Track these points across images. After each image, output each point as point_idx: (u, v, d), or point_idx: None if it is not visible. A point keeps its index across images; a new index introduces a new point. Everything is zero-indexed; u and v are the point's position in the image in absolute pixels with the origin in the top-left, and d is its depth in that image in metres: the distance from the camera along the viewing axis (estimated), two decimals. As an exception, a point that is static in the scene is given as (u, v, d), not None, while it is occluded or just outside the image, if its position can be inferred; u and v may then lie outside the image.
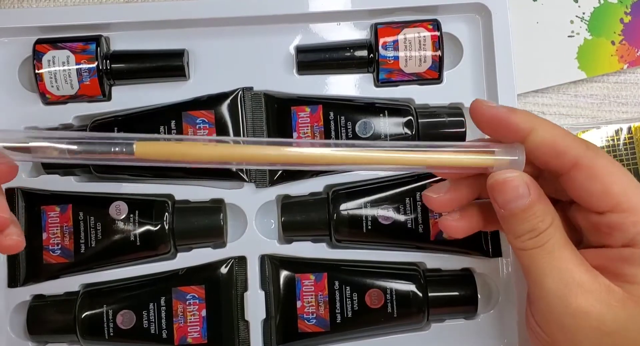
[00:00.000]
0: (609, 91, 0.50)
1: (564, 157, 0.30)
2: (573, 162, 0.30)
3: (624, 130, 0.49)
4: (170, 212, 0.44)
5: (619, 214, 0.29)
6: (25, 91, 0.46)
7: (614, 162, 0.31)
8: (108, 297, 0.44)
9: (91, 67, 0.44)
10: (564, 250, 0.30)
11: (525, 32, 0.49)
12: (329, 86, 0.46)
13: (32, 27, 0.45)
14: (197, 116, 0.45)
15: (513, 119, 0.31)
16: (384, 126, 0.45)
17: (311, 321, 0.44)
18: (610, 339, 0.29)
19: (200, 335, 0.44)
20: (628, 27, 0.50)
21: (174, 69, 0.46)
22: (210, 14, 0.45)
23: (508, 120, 0.31)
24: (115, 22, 0.45)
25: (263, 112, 0.45)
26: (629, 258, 0.29)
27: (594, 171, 0.30)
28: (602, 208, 0.30)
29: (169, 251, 0.44)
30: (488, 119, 0.31)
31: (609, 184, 0.30)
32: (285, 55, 0.47)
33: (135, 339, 0.44)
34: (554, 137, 0.30)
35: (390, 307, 0.44)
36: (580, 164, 0.30)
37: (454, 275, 0.45)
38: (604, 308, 0.29)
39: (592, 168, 0.30)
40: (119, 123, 0.45)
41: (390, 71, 0.45)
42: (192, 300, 0.44)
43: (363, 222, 0.44)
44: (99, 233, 0.44)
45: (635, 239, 0.29)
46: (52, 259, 0.44)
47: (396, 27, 0.45)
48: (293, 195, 0.46)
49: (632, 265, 0.29)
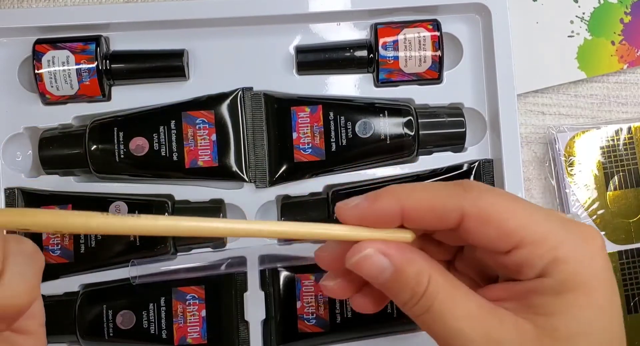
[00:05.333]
0: (609, 91, 0.50)
1: (447, 217, 0.28)
2: (458, 217, 0.28)
3: (624, 130, 0.49)
4: (170, 212, 0.44)
5: (523, 250, 0.27)
6: (25, 91, 0.46)
7: (500, 194, 0.28)
8: (108, 297, 0.44)
9: (91, 67, 0.44)
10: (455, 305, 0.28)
11: (525, 32, 0.49)
12: (329, 86, 0.46)
13: (32, 27, 0.45)
14: (196, 116, 0.45)
15: (376, 209, 0.28)
16: (384, 126, 0.45)
17: (311, 321, 0.44)
18: None
19: (200, 335, 0.44)
20: (628, 27, 0.50)
21: (174, 69, 0.45)
22: (210, 14, 0.45)
23: (373, 213, 0.28)
24: (115, 22, 0.45)
25: (263, 112, 0.45)
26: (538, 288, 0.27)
27: (483, 216, 0.27)
28: (505, 248, 0.28)
29: (169, 251, 0.44)
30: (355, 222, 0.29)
31: (503, 224, 0.27)
32: (285, 55, 0.47)
33: (135, 339, 0.44)
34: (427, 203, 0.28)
35: (390, 307, 0.44)
36: (467, 214, 0.27)
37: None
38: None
39: (479, 214, 0.27)
40: (118, 123, 0.45)
41: (390, 71, 0.45)
42: (192, 300, 0.44)
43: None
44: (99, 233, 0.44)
45: (544, 270, 0.27)
46: (52, 259, 0.44)
47: (396, 27, 0.45)
48: (293, 195, 0.46)
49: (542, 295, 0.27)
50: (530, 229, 0.27)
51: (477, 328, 0.27)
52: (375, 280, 0.29)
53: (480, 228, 0.27)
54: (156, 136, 0.44)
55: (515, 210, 0.28)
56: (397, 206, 0.28)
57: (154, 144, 0.44)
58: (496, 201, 0.28)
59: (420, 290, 0.28)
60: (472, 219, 0.27)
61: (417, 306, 0.28)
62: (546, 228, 0.27)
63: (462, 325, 0.27)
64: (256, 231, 0.28)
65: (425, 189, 0.29)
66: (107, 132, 0.44)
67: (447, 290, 0.28)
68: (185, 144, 0.44)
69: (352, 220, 0.29)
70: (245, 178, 0.45)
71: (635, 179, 0.48)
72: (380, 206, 0.28)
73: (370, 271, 0.28)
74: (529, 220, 0.27)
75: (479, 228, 0.27)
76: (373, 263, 0.28)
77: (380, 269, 0.28)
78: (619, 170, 0.48)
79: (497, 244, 0.28)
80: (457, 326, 0.27)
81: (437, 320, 0.28)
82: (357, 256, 0.29)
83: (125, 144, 0.44)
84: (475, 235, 0.28)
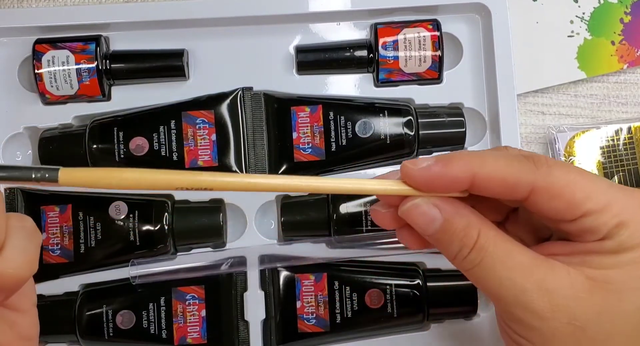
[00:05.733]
0: (609, 91, 0.50)
1: (517, 189, 0.28)
2: (528, 190, 0.28)
3: (624, 130, 0.49)
4: (170, 212, 0.44)
5: (589, 218, 0.28)
6: (25, 91, 0.46)
7: (568, 168, 0.29)
8: (108, 297, 0.44)
9: (91, 67, 0.44)
10: (507, 256, 0.28)
11: (525, 32, 0.49)
12: (329, 86, 0.46)
13: (32, 27, 0.45)
14: (196, 116, 0.45)
15: (449, 174, 0.28)
16: (384, 126, 0.45)
17: (311, 321, 0.44)
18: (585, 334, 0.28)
19: (199, 335, 0.44)
20: (628, 27, 0.50)
21: (174, 69, 0.46)
22: (210, 14, 0.45)
23: (445, 178, 0.28)
24: (115, 22, 0.45)
25: (263, 112, 0.45)
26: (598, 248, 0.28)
27: (553, 190, 0.28)
28: (570, 218, 0.28)
29: (169, 251, 0.44)
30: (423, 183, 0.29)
31: (571, 196, 0.28)
32: (285, 55, 0.47)
33: (135, 339, 0.44)
34: (499, 174, 0.28)
35: (390, 307, 0.44)
36: (537, 189, 0.28)
37: (454, 275, 0.45)
38: (571, 302, 0.28)
39: (550, 188, 0.28)
40: (118, 123, 0.45)
41: (390, 70, 0.45)
42: (191, 300, 0.44)
43: (363, 222, 0.44)
44: (99, 233, 0.44)
45: (608, 234, 0.28)
46: (51, 259, 0.44)
47: (396, 27, 0.45)
48: (293, 195, 0.46)
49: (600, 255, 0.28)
50: (596, 199, 0.28)
51: (529, 277, 0.28)
52: (425, 231, 0.29)
53: (549, 202, 0.28)
54: (156, 135, 0.44)
55: (582, 182, 0.28)
56: (469, 173, 0.28)
57: (153, 144, 0.44)
58: (564, 176, 0.28)
59: (470, 242, 0.28)
60: (542, 193, 0.28)
61: (467, 259, 0.29)
62: (609, 196, 0.28)
63: (513, 274, 0.28)
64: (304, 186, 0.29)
65: (497, 159, 0.29)
66: (107, 132, 0.44)
67: (498, 242, 0.29)
68: (185, 144, 0.44)
69: (418, 181, 0.29)
70: (245, 177, 0.45)
71: (635, 179, 0.48)
72: (452, 172, 0.28)
73: (420, 220, 0.29)
74: (594, 190, 0.28)
75: (547, 201, 0.28)
76: (423, 213, 0.29)
77: (430, 220, 0.29)
78: (619, 170, 0.48)
79: (564, 215, 0.28)
80: (508, 276, 0.28)
81: (488, 271, 0.28)
82: (409, 204, 0.29)
83: (125, 144, 0.44)
84: (543, 207, 0.28)
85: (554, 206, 0.28)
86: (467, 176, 0.28)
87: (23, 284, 0.27)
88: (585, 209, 0.28)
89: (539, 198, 0.28)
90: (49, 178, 0.27)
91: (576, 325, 0.28)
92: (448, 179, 0.28)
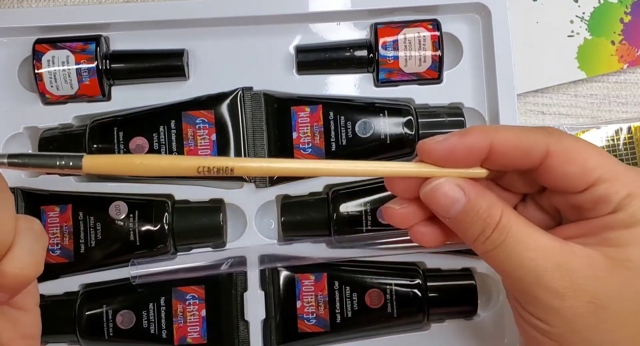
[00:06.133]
0: (609, 90, 0.50)
1: (532, 153, 0.29)
2: (543, 153, 0.29)
3: (624, 130, 0.49)
4: (170, 212, 0.44)
5: (601, 187, 0.29)
6: (25, 91, 0.46)
7: (577, 139, 0.30)
8: (108, 297, 0.44)
9: (91, 67, 0.44)
10: (528, 238, 0.29)
11: (525, 32, 0.49)
12: (329, 86, 0.46)
13: (32, 27, 0.45)
14: (196, 115, 0.45)
15: (467, 143, 0.29)
16: (384, 126, 0.45)
17: (311, 321, 0.44)
18: (606, 312, 0.28)
19: (200, 335, 0.44)
20: (628, 27, 0.50)
21: (174, 69, 0.46)
22: (210, 14, 0.45)
23: (463, 147, 0.29)
24: (115, 22, 0.45)
25: (263, 112, 0.45)
26: (612, 222, 0.29)
27: (566, 155, 0.29)
28: (582, 186, 0.29)
29: (169, 251, 0.44)
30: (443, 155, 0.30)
31: (584, 162, 0.29)
32: (285, 55, 0.47)
33: (135, 339, 0.44)
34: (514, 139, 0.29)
35: (390, 307, 0.44)
36: (551, 152, 0.29)
37: (454, 275, 0.45)
38: (592, 281, 0.28)
39: (563, 152, 0.29)
40: (118, 123, 0.45)
41: (390, 70, 0.45)
42: (191, 300, 0.44)
43: (363, 222, 0.44)
44: (99, 233, 0.44)
45: (619, 204, 0.28)
46: (51, 259, 0.44)
47: (396, 27, 0.45)
48: (293, 195, 0.46)
49: (615, 229, 0.28)
50: (606, 167, 0.29)
51: (550, 258, 0.28)
52: (447, 212, 0.29)
53: (562, 167, 0.29)
54: (156, 135, 0.44)
55: (593, 151, 0.29)
56: (486, 140, 0.29)
57: (153, 144, 0.44)
58: (576, 143, 0.29)
59: (492, 222, 0.29)
60: (557, 156, 0.29)
61: (489, 240, 0.29)
62: (618, 168, 0.29)
63: (535, 255, 0.28)
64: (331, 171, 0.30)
65: (511, 128, 0.30)
66: (107, 132, 0.44)
67: (519, 223, 0.29)
68: (185, 144, 0.44)
69: (439, 154, 0.29)
70: (245, 177, 0.45)
71: (635, 179, 0.48)
72: (470, 140, 0.29)
73: (443, 201, 0.29)
74: (604, 161, 0.29)
75: (560, 166, 0.29)
76: (446, 193, 0.29)
77: (453, 201, 0.29)
78: (619, 170, 0.48)
79: (577, 182, 0.29)
80: (530, 256, 0.28)
81: (509, 252, 0.28)
82: (432, 184, 0.29)
83: (125, 144, 0.44)
84: (556, 175, 0.29)
85: (568, 170, 0.29)
86: (484, 143, 0.29)
87: (29, 284, 0.28)
88: (597, 176, 0.29)
89: (554, 161, 0.29)
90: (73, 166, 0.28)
91: (597, 303, 0.28)
92: (467, 148, 0.29)
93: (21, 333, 0.30)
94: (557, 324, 0.29)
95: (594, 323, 0.28)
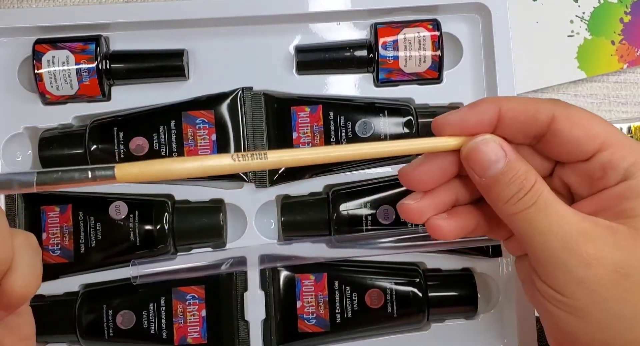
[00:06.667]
0: (609, 90, 0.50)
1: (539, 116, 0.30)
2: (550, 117, 0.30)
3: (624, 130, 0.49)
4: (170, 212, 0.44)
5: (607, 151, 0.30)
6: (25, 91, 0.46)
7: (583, 109, 0.31)
8: (108, 297, 0.44)
9: (91, 67, 0.44)
10: (556, 204, 0.29)
11: (525, 32, 0.49)
12: (329, 86, 0.46)
13: (32, 27, 0.45)
14: (196, 116, 0.45)
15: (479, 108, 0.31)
16: (384, 126, 0.45)
17: (311, 321, 0.44)
18: (629, 281, 0.28)
19: (200, 335, 0.44)
20: (628, 26, 0.50)
21: (174, 69, 0.45)
22: (210, 14, 0.45)
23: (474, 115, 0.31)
24: (115, 22, 0.45)
25: (263, 112, 0.45)
26: (625, 191, 0.29)
27: (572, 119, 0.30)
28: (589, 151, 0.30)
29: (169, 251, 0.44)
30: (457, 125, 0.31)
31: (589, 127, 0.30)
32: (285, 55, 0.47)
33: (135, 339, 0.44)
34: (521, 104, 0.31)
35: (390, 307, 0.44)
36: (557, 116, 0.30)
37: (454, 275, 0.45)
38: (615, 250, 0.28)
39: (569, 117, 0.30)
40: (118, 123, 0.45)
41: (390, 70, 0.45)
42: (191, 300, 0.44)
43: (363, 222, 0.44)
44: (99, 233, 0.44)
45: (628, 171, 0.29)
46: (51, 259, 0.44)
47: (396, 27, 0.45)
48: (293, 195, 0.46)
49: (630, 199, 0.29)
50: (611, 133, 0.30)
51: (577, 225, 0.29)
52: (486, 171, 0.30)
53: (568, 131, 0.30)
54: (156, 136, 0.44)
55: (597, 119, 0.30)
56: (496, 107, 0.31)
57: (153, 144, 0.44)
58: (581, 111, 0.31)
59: (528, 185, 0.29)
60: (563, 120, 0.30)
61: (522, 201, 0.29)
62: (623, 136, 0.30)
63: (562, 221, 0.29)
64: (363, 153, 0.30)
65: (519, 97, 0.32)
66: (107, 132, 0.44)
67: (549, 191, 0.30)
68: (185, 144, 0.44)
69: (453, 125, 0.31)
70: (245, 177, 0.45)
71: (635, 179, 0.48)
72: (480, 108, 0.31)
73: (485, 158, 0.30)
74: (609, 127, 0.30)
75: (567, 130, 0.30)
76: (491, 150, 0.30)
77: (496, 159, 0.30)
78: (619, 170, 0.48)
79: (583, 147, 0.30)
80: (558, 221, 0.29)
81: (539, 213, 0.29)
82: (478, 139, 0.30)
83: (125, 144, 0.44)
84: (563, 140, 0.30)
85: (574, 134, 0.30)
86: (494, 110, 0.30)
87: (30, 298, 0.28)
88: (601, 140, 0.30)
89: (561, 125, 0.30)
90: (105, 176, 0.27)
91: (621, 272, 0.28)
92: (478, 114, 0.31)
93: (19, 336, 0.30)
94: (579, 296, 0.29)
95: (618, 293, 0.28)
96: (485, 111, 0.31)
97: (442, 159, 0.32)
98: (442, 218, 0.32)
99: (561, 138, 0.30)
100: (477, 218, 0.33)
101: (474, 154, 0.30)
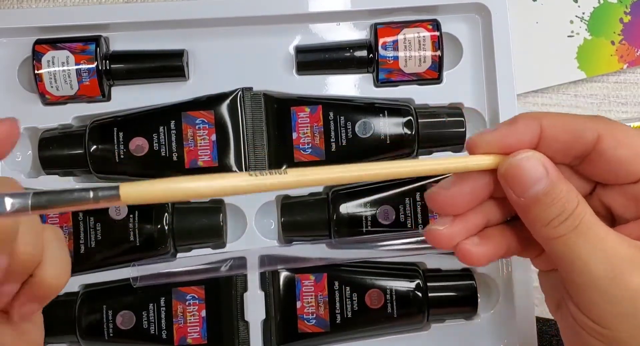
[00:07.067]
0: (609, 90, 0.50)
1: (584, 137, 0.28)
2: (596, 136, 0.28)
3: (624, 130, 0.49)
4: (170, 212, 0.44)
5: None
6: (25, 92, 0.46)
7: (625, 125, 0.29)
8: (108, 298, 0.44)
9: (91, 67, 0.44)
10: (600, 228, 0.27)
11: (525, 32, 0.49)
12: (329, 86, 0.46)
13: (32, 27, 0.45)
14: (196, 116, 0.45)
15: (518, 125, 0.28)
16: (384, 126, 0.45)
17: (311, 321, 0.44)
18: None
19: (200, 335, 0.44)
20: (628, 27, 0.50)
21: (174, 69, 0.45)
22: (210, 14, 0.45)
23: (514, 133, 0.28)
24: (114, 23, 0.45)
25: (262, 112, 0.45)
26: None
27: (617, 138, 0.28)
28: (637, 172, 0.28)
29: (169, 251, 0.44)
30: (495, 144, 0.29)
31: (636, 146, 0.28)
32: (285, 55, 0.47)
33: (135, 339, 0.44)
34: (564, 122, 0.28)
35: (390, 307, 0.44)
36: (603, 135, 0.28)
37: (454, 275, 0.45)
38: None
39: (614, 135, 0.28)
40: (118, 123, 0.45)
41: (390, 71, 0.45)
42: (191, 301, 0.44)
43: (363, 222, 0.44)
44: (99, 234, 0.44)
45: None
46: (51, 259, 0.44)
47: (396, 27, 0.45)
48: (293, 195, 0.46)
49: None
50: None
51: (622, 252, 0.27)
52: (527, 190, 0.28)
53: (614, 150, 0.28)
54: (156, 136, 0.44)
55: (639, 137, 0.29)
56: (537, 124, 0.28)
57: (153, 144, 0.44)
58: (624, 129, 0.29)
59: (570, 207, 0.27)
60: (608, 139, 0.28)
61: (564, 224, 0.27)
62: None
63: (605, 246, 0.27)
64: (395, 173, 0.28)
65: (560, 113, 0.29)
66: (107, 133, 0.44)
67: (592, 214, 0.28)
68: (185, 144, 0.44)
69: (490, 144, 0.29)
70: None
71: (635, 179, 0.48)
72: (520, 125, 0.28)
73: (527, 176, 0.28)
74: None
75: (612, 150, 0.28)
76: (533, 168, 0.28)
77: (537, 178, 0.28)
78: (619, 170, 0.48)
79: (630, 167, 0.28)
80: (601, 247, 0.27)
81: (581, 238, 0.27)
82: (519, 156, 0.28)
83: (125, 145, 0.44)
84: (608, 160, 0.28)
85: (620, 154, 0.28)
86: (535, 127, 0.28)
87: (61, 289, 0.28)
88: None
89: (606, 144, 0.28)
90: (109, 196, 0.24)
91: None
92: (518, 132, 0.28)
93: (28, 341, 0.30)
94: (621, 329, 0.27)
95: None
96: (525, 129, 0.28)
97: (474, 180, 0.29)
98: (474, 243, 0.30)
99: (606, 158, 0.28)
100: (508, 240, 0.31)
101: (515, 171, 0.28)
